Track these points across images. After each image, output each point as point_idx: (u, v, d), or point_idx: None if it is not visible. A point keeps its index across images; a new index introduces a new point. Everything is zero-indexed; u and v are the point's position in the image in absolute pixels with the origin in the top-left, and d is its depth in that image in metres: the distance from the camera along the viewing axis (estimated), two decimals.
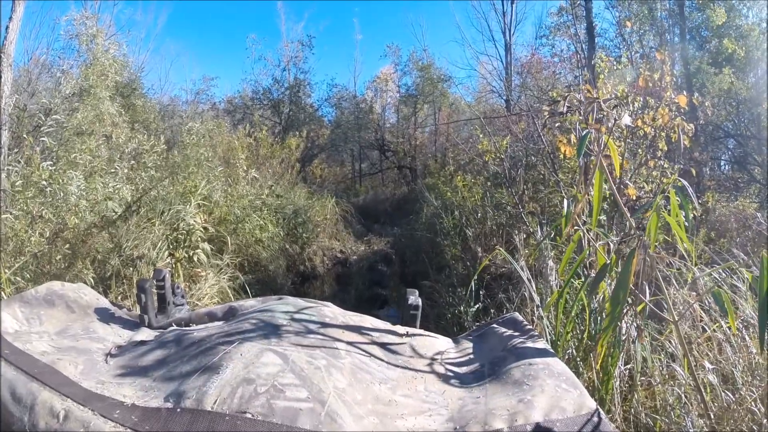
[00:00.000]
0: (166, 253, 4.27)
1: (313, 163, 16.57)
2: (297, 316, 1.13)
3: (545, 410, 0.84)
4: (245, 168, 8.20)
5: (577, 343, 2.43)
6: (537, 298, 2.71)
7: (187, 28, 28.39)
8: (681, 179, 1.85)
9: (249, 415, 0.76)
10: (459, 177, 6.94)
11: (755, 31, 9.48)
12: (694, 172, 5.84)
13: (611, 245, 1.82)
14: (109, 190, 4.35)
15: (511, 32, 15.72)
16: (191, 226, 4.40)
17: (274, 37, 25.91)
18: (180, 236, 4.36)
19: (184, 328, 1.17)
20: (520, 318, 1.25)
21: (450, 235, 6.41)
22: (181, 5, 23.98)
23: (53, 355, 0.92)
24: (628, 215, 1.58)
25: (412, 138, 17.49)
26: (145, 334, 1.12)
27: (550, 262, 3.64)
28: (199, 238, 4.43)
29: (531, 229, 5.02)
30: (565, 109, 2.48)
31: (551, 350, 1.08)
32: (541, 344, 1.10)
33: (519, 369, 0.99)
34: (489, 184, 6.22)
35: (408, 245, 9.01)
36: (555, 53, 13.77)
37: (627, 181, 4.45)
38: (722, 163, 10.15)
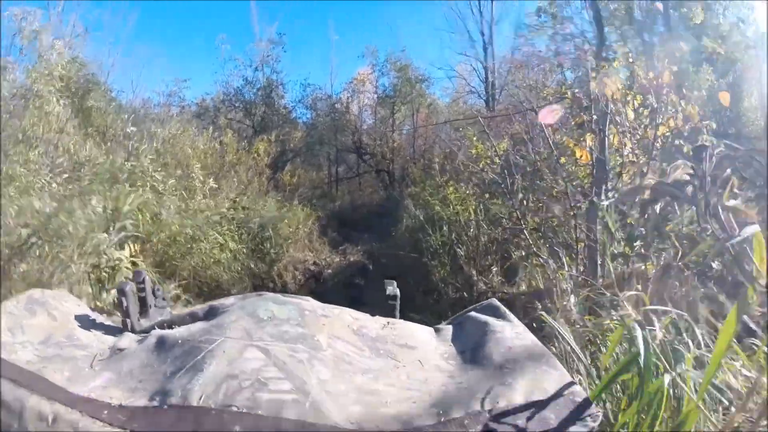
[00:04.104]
0: (89, 295, 3.36)
1: (286, 168, 15.75)
2: (277, 311, 1.09)
3: (527, 392, 0.86)
4: (202, 179, 7.28)
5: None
6: (589, 373, 1.90)
7: (159, 31, 27.09)
8: None
9: (234, 408, 0.77)
10: (451, 188, 6.13)
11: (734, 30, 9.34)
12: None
13: None
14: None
15: (491, 31, 15.17)
16: (116, 262, 3.49)
17: (247, 39, 24.76)
18: (105, 273, 3.45)
19: (166, 330, 1.09)
20: (498, 304, 1.24)
21: (438, 253, 5.65)
22: (152, 6, 22.56)
23: (39, 364, 0.91)
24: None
25: (390, 140, 16.89)
26: (128, 339, 1.07)
27: (573, 297, 3.01)
28: (125, 277, 3.52)
29: (534, 249, 4.31)
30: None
31: (530, 333, 1.08)
32: (521, 328, 1.11)
33: (499, 353, 1.00)
34: (485, 195, 5.45)
35: (388, 262, 8.22)
36: (548, 48, 13.37)
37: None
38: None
